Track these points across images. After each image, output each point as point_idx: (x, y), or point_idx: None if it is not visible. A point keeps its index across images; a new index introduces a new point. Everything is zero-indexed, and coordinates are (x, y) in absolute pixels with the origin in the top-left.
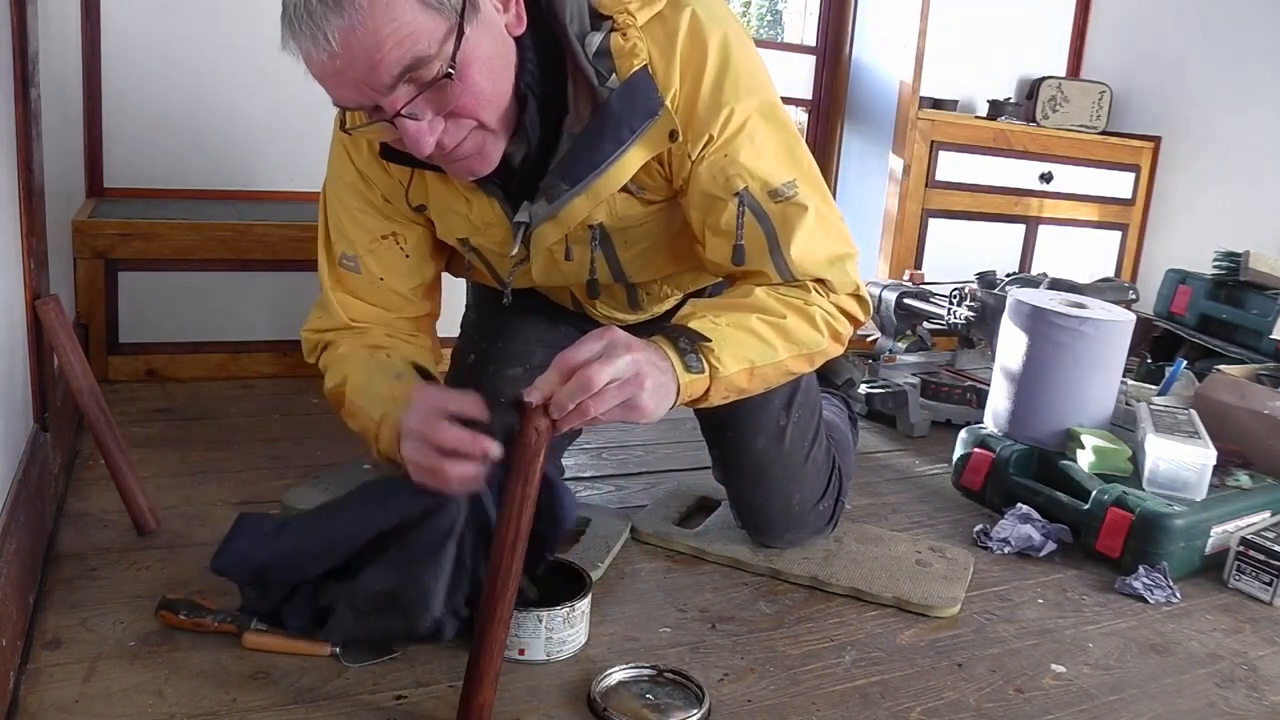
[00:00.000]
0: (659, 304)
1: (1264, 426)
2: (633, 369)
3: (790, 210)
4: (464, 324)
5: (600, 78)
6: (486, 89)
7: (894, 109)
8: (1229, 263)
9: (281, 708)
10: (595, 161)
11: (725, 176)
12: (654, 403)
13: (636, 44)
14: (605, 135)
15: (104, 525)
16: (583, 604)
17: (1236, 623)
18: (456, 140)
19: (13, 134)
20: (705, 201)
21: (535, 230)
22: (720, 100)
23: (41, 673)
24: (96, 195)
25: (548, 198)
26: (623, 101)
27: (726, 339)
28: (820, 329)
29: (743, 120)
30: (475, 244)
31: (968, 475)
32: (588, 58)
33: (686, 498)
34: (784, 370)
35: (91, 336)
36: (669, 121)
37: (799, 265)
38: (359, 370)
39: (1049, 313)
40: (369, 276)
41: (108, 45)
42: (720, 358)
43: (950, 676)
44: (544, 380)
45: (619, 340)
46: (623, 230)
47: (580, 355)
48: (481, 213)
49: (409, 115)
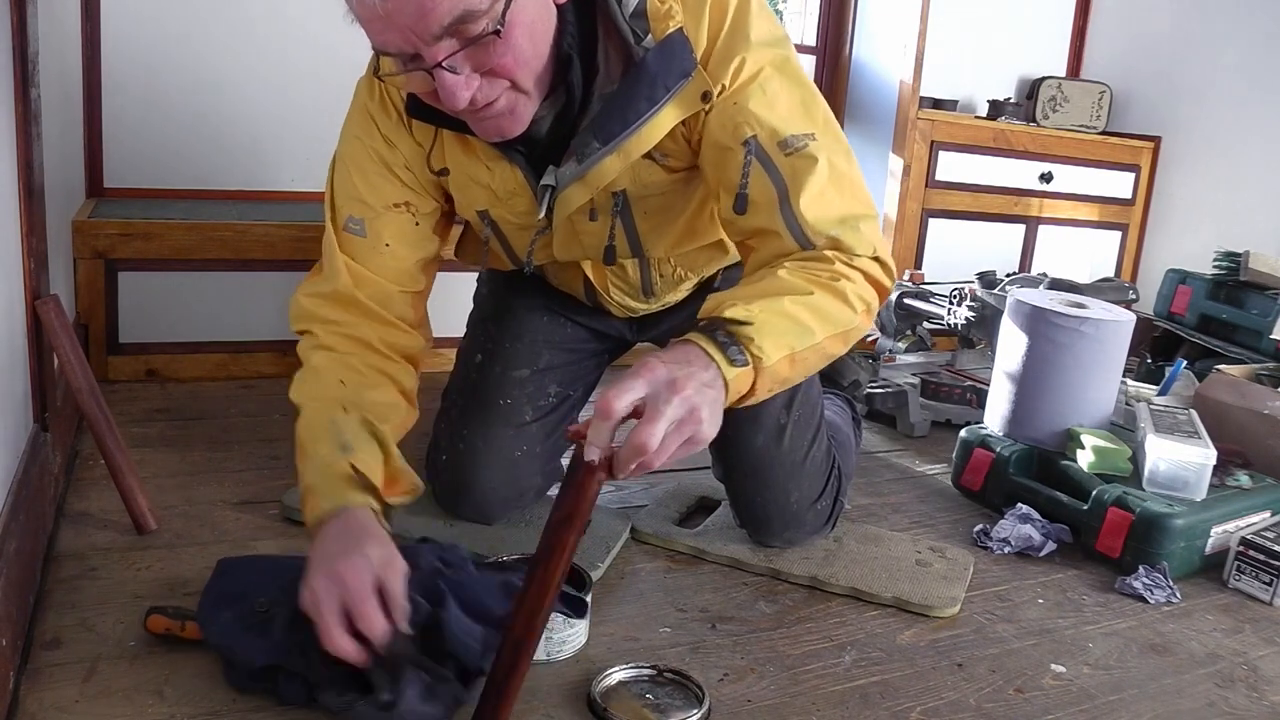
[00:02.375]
0: (672, 290)
1: (1264, 426)
2: (684, 408)
3: (800, 163)
4: (470, 321)
5: (636, 37)
6: (527, 51)
7: (894, 109)
8: (1229, 263)
9: (282, 708)
10: (629, 120)
11: (734, 124)
12: (712, 426)
13: (673, 6)
14: (640, 94)
15: (104, 525)
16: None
17: (1236, 623)
18: (489, 98)
19: (13, 134)
20: (715, 154)
21: (561, 194)
22: (732, 49)
23: (41, 673)
24: (96, 195)
25: (577, 157)
26: (658, 61)
27: (764, 325)
28: (852, 304)
29: (755, 70)
30: (495, 216)
31: (968, 475)
32: (625, 18)
33: (686, 498)
34: (823, 353)
35: (91, 336)
36: (702, 82)
37: (810, 222)
38: (313, 408)
39: (1049, 313)
40: (375, 241)
41: (108, 45)
42: (761, 345)
43: (950, 676)
44: (597, 433)
45: (660, 380)
46: (643, 199)
47: (627, 399)
48: (504, 180)
49: (448, 68)
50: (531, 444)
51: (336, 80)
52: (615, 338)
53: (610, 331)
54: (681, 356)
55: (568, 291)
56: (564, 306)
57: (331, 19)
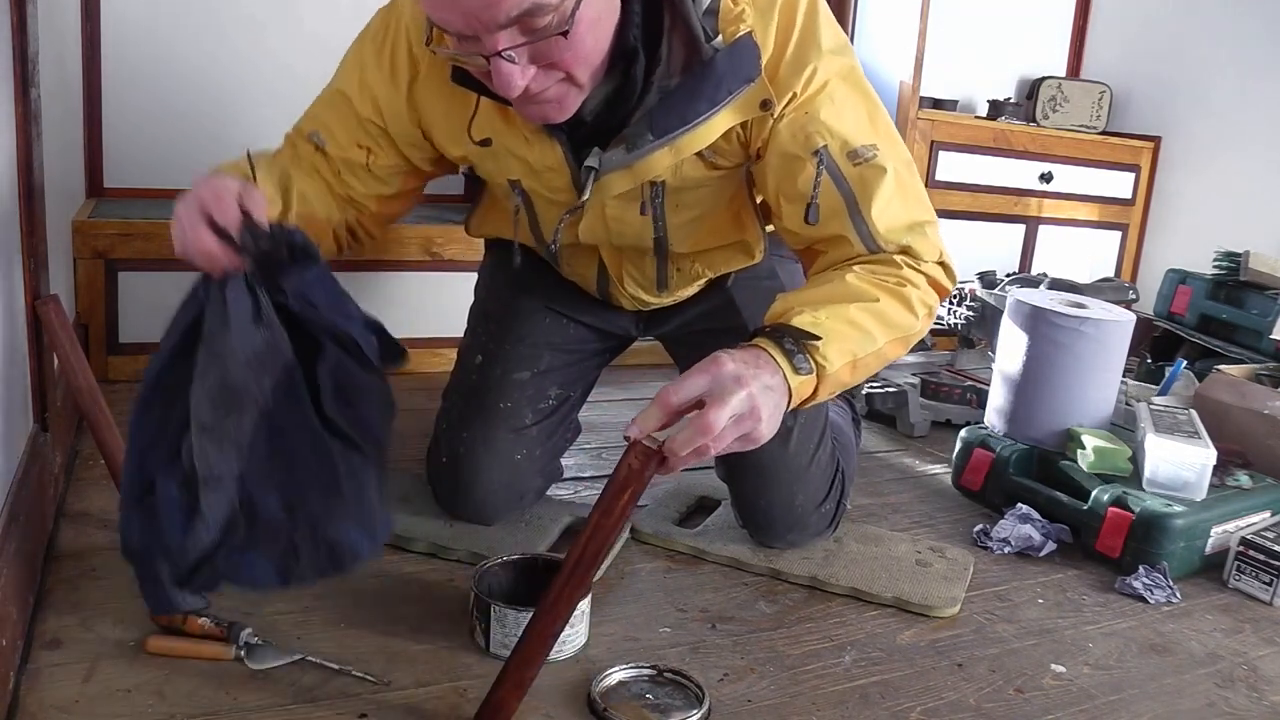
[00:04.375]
0: (686, 286)
1: (1264, 426)
2: (748, 404)
3: (868, 173)
4: (471, 313)
5: (706, 35)
6: (588, 47)
7: (894, 109)
8: (1229, 263)
9: (282, 707)
10: (687, 117)
11: (805, 134)
12: (770, 428)
13: (745, 9)
14: (703, 93)
15: (104, 525)
16: (582, 604)
17: (1236, 623)
18: (542, 88)
19: (13, 134)
20: (783, 163)
21: (603, 177)
22: (804, 59)
23: (41, 673)
24: (96, 195)
25: (628, 145)
26: (727, 63)
27: (831, 334)
28: (915, 310)
29: (825, 80)
30: (527, 187)
31: (968, 475)
32: (698, 16)
33: (686, 498)
34: (882, 358)
35: (91, 336)
36: (763, 90)
37: (881, 231)
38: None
39: (1049, 313)
40: (330, 163)
41: (108, 45)
42: (826, 354)
43: (950, 676)
44: (645, 417)
45: (727, 374)
46: (679, 192)
47: (688, 393)
48: (542, 155)
49: (507, 58)
50: (531, 446)
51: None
52: (619, 335)
53: (614, 329)
54: (750, 358)
55: (578, 281)
56: (567, 305)
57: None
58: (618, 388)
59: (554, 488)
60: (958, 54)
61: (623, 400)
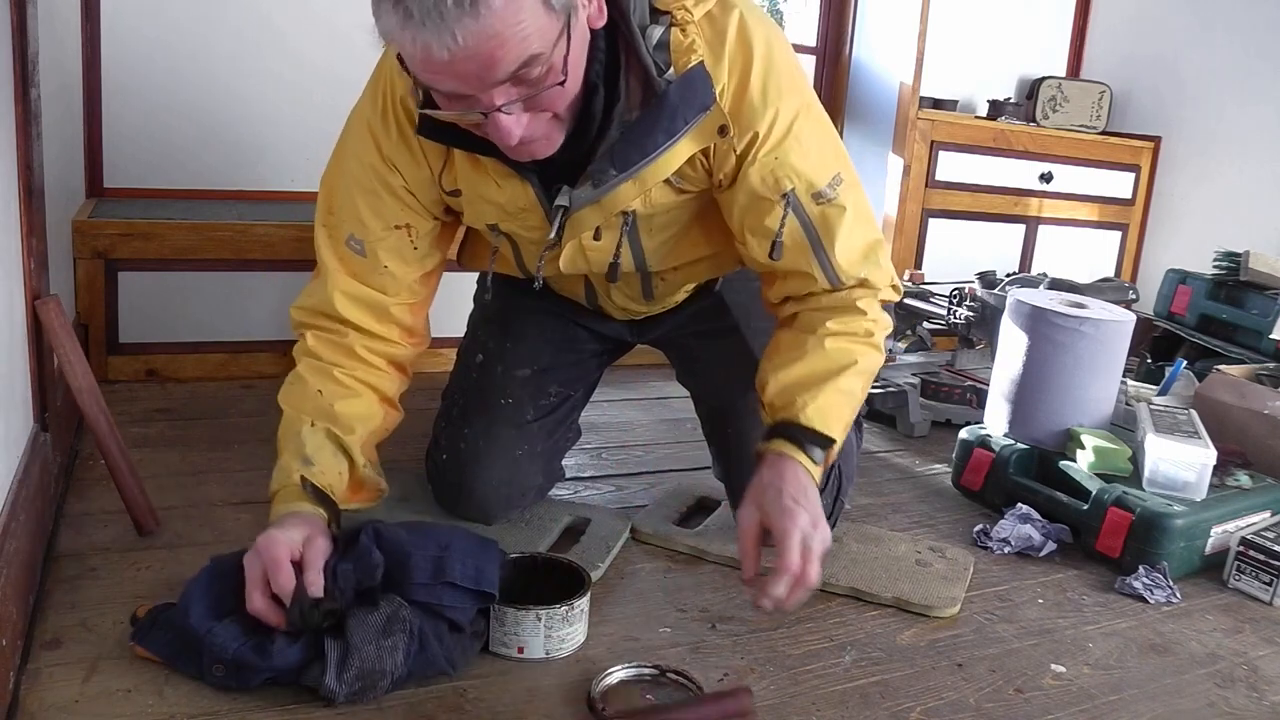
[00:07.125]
0: (672, 295)
1: (1264, 426)
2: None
3: (830, 211)
4: (471, 321)
5: (658, 69)
6: (575, 87)
7: (894, 109)
8: (1229, 263)
9: (282, 707)
10: (647, 150)
11: (775, 178)
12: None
13: (695, 40)
14: (660, 125)
15: (104, 525)
16: (582, 602)
17: (1236, 623)
18: (533, 133)
19: (13, 134)
20: (751, 202)
21: (574, 215)
22: (766, 99)
23: (41, 673)
24: (96, 195)
25: (594, 182)
26: (679, 94)
27: (831, 417)
28: (881, 347)
29: (789, 121)
30: (506, 229)
31: (968, 475)
32: (649, 50)
33: (686, 498)
34: (859, 404)
35: (91, 336)
36: (719, 116)
37: (844, 267)
38: (289, 415)
39: (1049, 313)
40: (374, 262)
41: (108, 45)
42: (834, 434)
43: (950, 676)
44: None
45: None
46: (650, 218)
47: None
48: (514, 198)
49: (506, 112)
50: (533, 443)
51: (337, 80)
52: (615, 339)
53: (609, 333)
54: (790, 479)
55: (569, 296)
56: (564, 308)
57: (331, 19)
58: (618, 388)
59: (554, 488)
60: (958, 54)
61: (623, 400)
